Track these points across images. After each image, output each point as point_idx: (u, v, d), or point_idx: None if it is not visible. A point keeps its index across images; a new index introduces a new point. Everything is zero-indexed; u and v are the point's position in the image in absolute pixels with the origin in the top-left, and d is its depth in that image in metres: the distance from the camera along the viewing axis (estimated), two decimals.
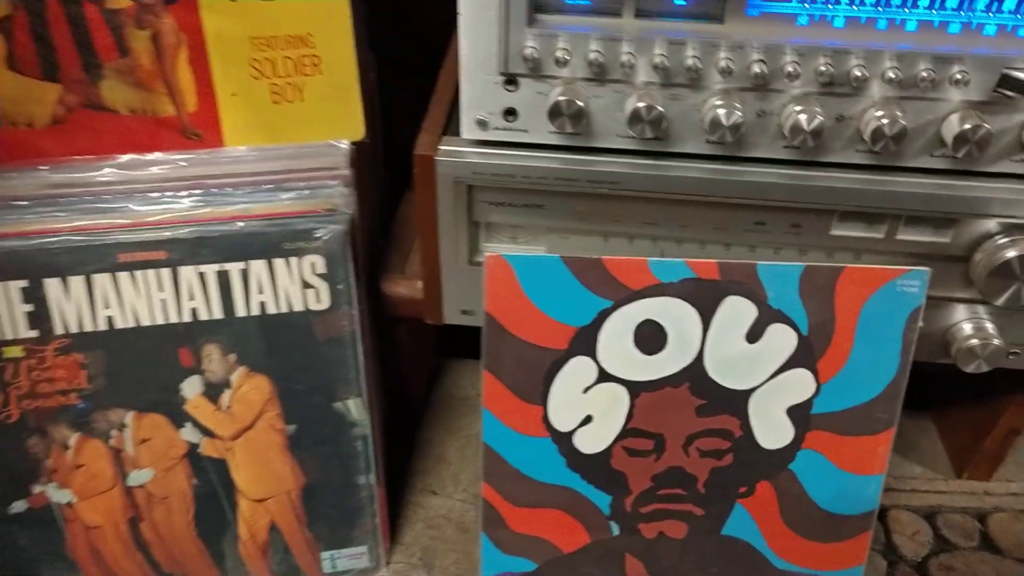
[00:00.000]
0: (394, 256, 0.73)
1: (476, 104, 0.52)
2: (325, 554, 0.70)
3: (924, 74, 0.48)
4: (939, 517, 0.76)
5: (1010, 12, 0.48)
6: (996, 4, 0.48)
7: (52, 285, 0.60)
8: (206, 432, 0.65)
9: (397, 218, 0.78)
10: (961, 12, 0.48)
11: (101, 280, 0.61)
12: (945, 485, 0.79)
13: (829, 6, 0.48)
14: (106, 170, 0.63)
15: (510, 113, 0.53)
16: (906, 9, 0.48)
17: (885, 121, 0.49)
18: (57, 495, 0.64)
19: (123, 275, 0.61)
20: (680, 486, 0.63)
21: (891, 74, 0.49)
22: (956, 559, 0.72)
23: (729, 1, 0.48)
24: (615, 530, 0.65)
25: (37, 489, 0.64)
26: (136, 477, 0.65)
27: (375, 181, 0.75)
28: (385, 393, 0.77)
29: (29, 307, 0.60)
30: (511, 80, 0.51)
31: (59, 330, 0.61)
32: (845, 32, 0.49)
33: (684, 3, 0.49)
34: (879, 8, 0.48)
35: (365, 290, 0.66)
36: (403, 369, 0.79)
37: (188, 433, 0.65)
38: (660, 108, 0.50)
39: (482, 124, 0.53)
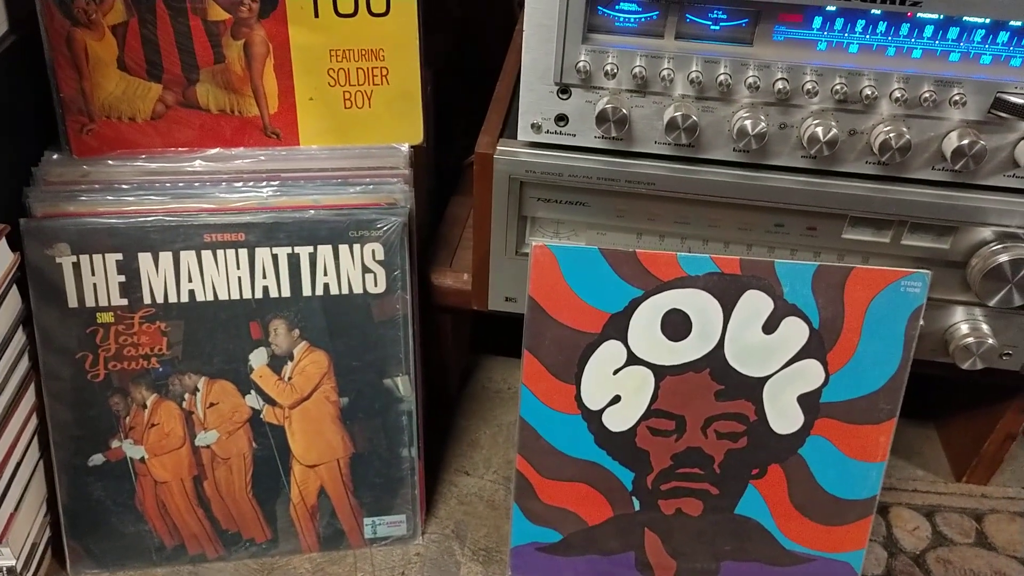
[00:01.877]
0: (442, 251, 0.81)
1: (533, 109, 0.60)
2: (368, 520, 0.76)
3: (927, 95, 0.55)
4: (938, 515, 0.81)
5: (1003, 44, 0.55)
6: (991, 36, 0.55)
7: (144, 259, 0.68)
8: (268, 400, 0.72)
9: (445, 218, 0.85)
10: (961, 43, 0.56)
11: (187, 257, 0.68)
12: (945, 487, 0.84)
13: (845, 34, 0.55)
14: (196, 161, 0.71)
15: (561, 119, 0.60)
16: (912, 38, 0.55)
17: (892, 136, 0.56)
18: (132, 450, 0.71)
19: (206, 253, 0.68)
20: (698, 466, 0.69)
21: (898, 94, 0.56)
22: (953, 553, 0.77)
23: (758, 27, 0.56)
24: (636, 505, 0.71)
25: (115, 444, 0.71)
26: (203, 438, 0.72)
27: (427, 182, 0.83)
28: (426, 380, 0.83)
29: (122, 278, 0.68)
30: (564, 89, 0.59)
31: (147, 300, 0.69)
32: (858, 57, 0.56)
33: (718, 28, 0.57)
34: (889, 37, 0.55)
35: (416, 279, 0.73)
36: (444, 358, 0.86)
37: (252, 400, 0.72)
38: (694, 118, 0.57)
39: (536, 128, 0.60)
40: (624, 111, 0.58)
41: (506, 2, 0.98)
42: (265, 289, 0.70)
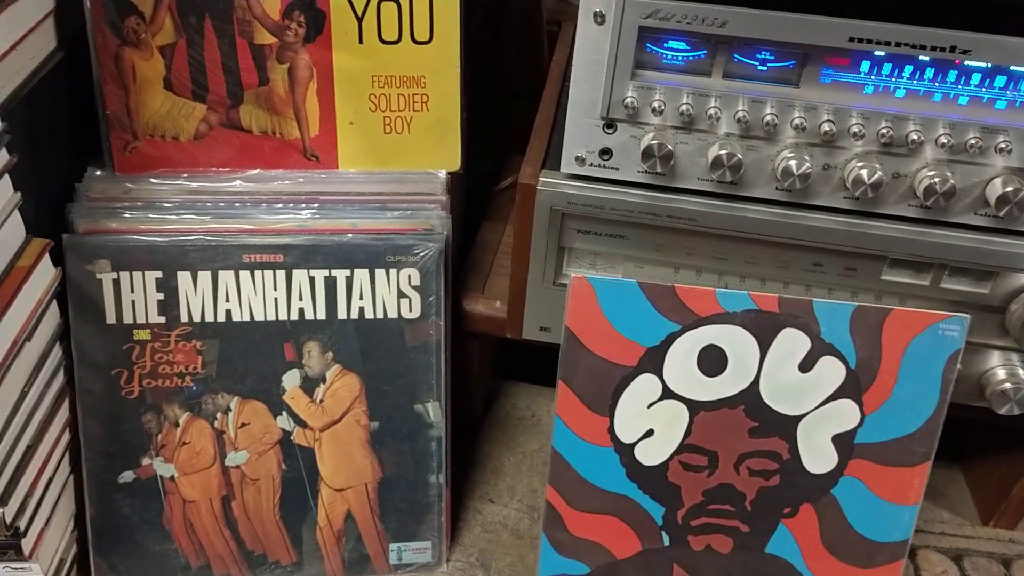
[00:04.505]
0: (474, 277, 0.81)
1: (577, 142, 0.60)
2: (393, 546, 0.76)
3: (972, 141, 0.56)
4: (966, 559, 0.80)
5: None
6: None
7: (183, 278, 0.68)
8: (299, 422, 0.72)
9: (477, 243, 0.85)
10: (1008, 91, 0.56)
11: (225, 277, 0.69)
12: (972, 531, 0.83)
13: (892, 79, 0.56)
14: (237, 182, 0.71)
15: (605, 152, 0.61)
16: (959, 85, 0.55)
17: (937, 180, 0.56)
18: (162, 468, 0.71)
19: (244, 273, 0.69)
20: (729, 502, 0.69)
21: (944, 140, 0.56)
22: None
23: (805, 69, 0.56)
24: (666, 540, 0.70)
25: (146, 461, 0.71)
26: (233, 458, 0.72)
27: (459, 208, 0.83)
28: (452, 405, 0.83)
29: (160, 296, 0.68)
30: (610, 124, 0.59)
31: (184, 318, 0.69)
32: (905, 101, 0.56)
33: (765, 69, 0.57)
34: (936, 83, 0.56)
35: (450, 304, 0.73)
36: (470, 383, 0.86)
37: (283, 421, 0.72)
38: (739, 156, 0.58)
39: (580, 160, 0.61)
40: (669, 147, 0.58)
41: (531, 33, 0.99)
42: (301, 311, 0.70)
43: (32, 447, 0.63)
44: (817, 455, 0.66)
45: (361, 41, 0.70)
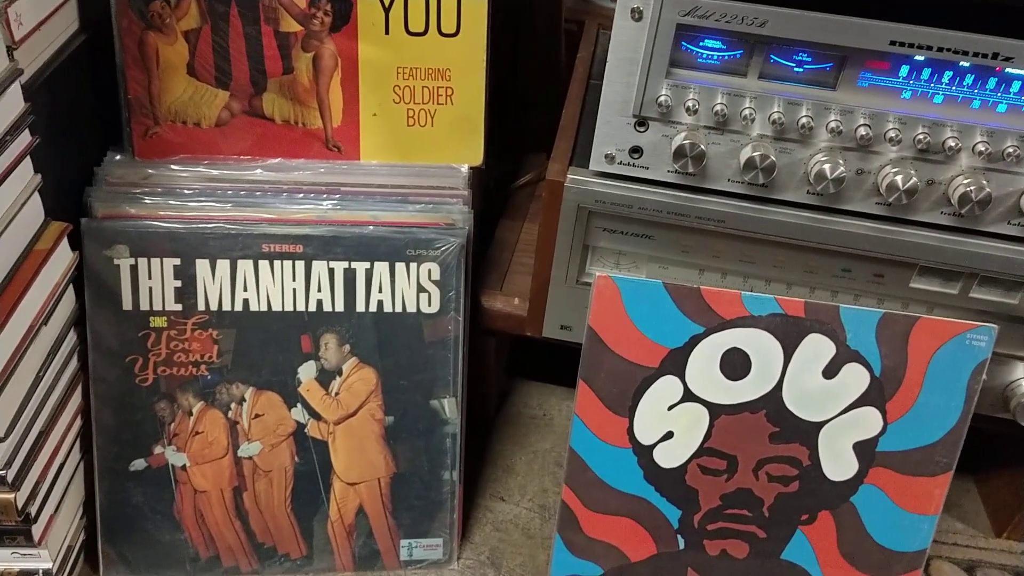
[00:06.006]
0: (492, 274, 0.80)
1: (608, 140, 0.59)
2: (404, 542, 0.75)
3: (1010, 150, 0.55)
4: (979, 571, 0.80)
5: None
6: None
7: (202, 265, 0.67)
8: (314, 414, 0.71)
9: (495, 241, 0.85)
10: None
11: (244, 265, 0.68)
12: (986, 542, 0.83)
13: (931, 84, 0.55)
14: (257, 170, 0.71)
15: (635, 151, 0.60)
16: (999, 92, 0.55)
17: (973, 188, 0.56)
18: (174, 457, 0.70)
19: (263, 263, 0.68)
20: (747, 507, 0.68)
21: (981, 147, 0.55)
22: None
23: (843, 72, 0.55)
24: (681, 544, 0.69)
25: (158, 450, 0.70)
26: (246, 449, 0.71)
27: (479, 203, 0.83)
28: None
29: (178, 283, 0.67)
30: (642, 122, 0.58)
31: (201, 306, 0.68)
32: (943, 107, 0.56)
33: (802, 71, 0.56)
34: (975, 90, 0.55)
35: (469, 301, 0.73)
36: (484, 381, 0.85)
37: (298, 413, 0.71)
38: (772, 158, 0.57)
39: (610, 158, 0.60)
40: (702, 147, 0.57)
41: (550, 31, 0.98)
42: (319, 302, 0.69)
43: (44, 432, 0.62)
44: (838, 462, 0.66)
45: (387, 32, 0.69)
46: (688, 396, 0.65)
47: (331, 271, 0.69)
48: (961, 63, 0.54)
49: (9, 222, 0.56)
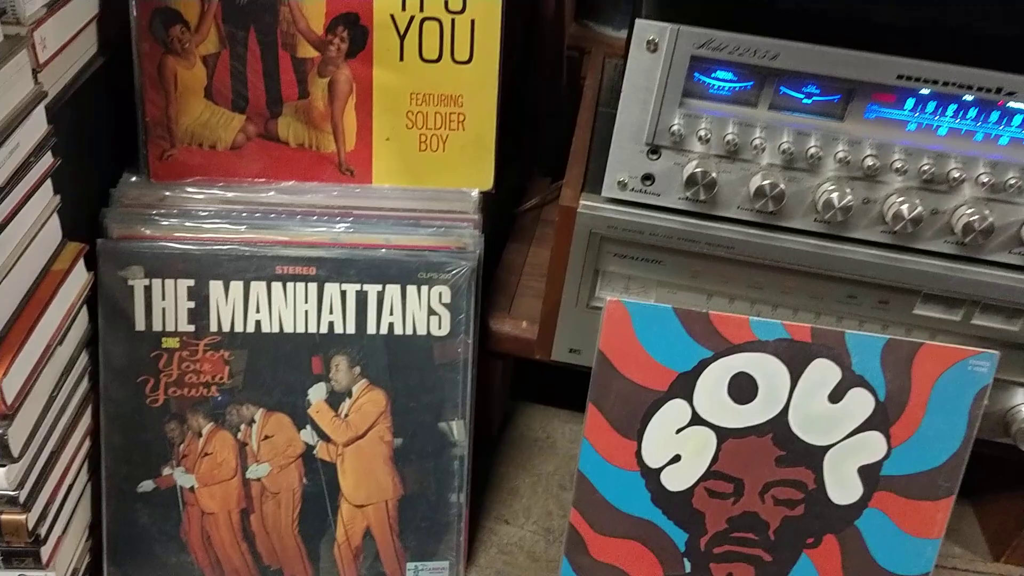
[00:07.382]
0: (500, 297, 0.81)
1: (621, 167, 0.61)
2: (411, 565, 0.75)
3: (1012, 181, 0.57)
4: None
5: None
6: None
7: (215, 287, 0.68)
8: (323, 436, 0.71)
9: (502, 263, 0.86)
10: None
11: (257, 287, 0.68)
12: (984, 567, 0.84)
13: (935, 117, 0.57)
14: (271, 193, 0.71)
15: (647, 178, 0.61)
16: (1001, 126, 0.57)
17: (975, 218, 0.57)
18: (183, 479, 0.70)
19: (276, 285, 0.69)
20: (753, 531, 0.69)
21: (984, 178, 0.57)
22: None
23: (851, 104, 0.57)
24: (687, 567, 0.70)
25: (166, 471, 0.70)
26: (255, 471, 0.71)
27: (488, 227, 0.84)
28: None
29: (191, 304, 0.68)
30: (654, 150, 0.60)
31: (213, 327, 0.68)
32: (947, 139, 0.57)
33: (810, 102, 0.58)
34: (978, 123, 0.57)
35: (478, 323, 0.73)
36: (489, 403, 0.85)
37: (307, 435, 0.71)
38: (782, 187, 0.58)
39: (622, 185, 0.61)
40: (713, 175, 0.59)
41: (554, 57, 0.99)
42: (331, 324, 0.70)
43: (56, 453, 0.62)
44: (842, 486, 0.67)
45: (402, 58, 0.71)
46: (696, 419, 0.66)
47: (343, 293, 0.70)
48: (965, 97, 0.56)
49: (30, 242, 0.56)
